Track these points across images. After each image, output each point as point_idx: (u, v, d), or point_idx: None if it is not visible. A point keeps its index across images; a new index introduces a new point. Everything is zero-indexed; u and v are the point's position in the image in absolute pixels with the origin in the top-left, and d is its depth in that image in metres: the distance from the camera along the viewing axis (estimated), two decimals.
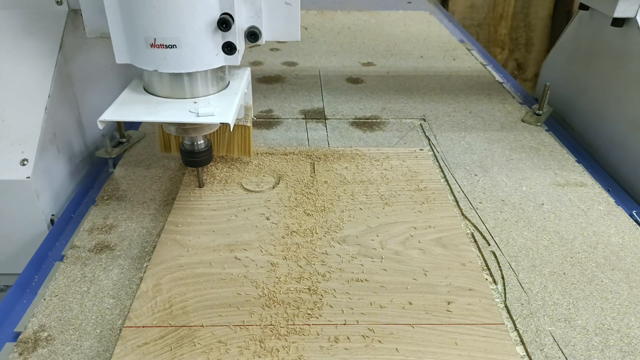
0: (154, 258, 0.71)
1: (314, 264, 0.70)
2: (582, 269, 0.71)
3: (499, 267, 0.72)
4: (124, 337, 0.59)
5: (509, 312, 0.65)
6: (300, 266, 0.70)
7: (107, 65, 1.11)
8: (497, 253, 0.74)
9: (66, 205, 0.86)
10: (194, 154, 0.78)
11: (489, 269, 0.71)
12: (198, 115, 0.67)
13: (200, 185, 0.85)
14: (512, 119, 1.14)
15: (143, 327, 0.60)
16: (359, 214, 0.80)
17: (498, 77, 1.38)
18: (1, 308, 0.66)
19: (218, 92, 0.73)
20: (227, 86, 0.75)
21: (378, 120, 1.13)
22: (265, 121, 1.12)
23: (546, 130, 1.09)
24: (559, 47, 1.24)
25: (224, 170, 0.90)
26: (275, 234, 0.76)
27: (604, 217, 0.82)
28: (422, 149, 0.99)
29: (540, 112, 1.13)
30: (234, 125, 0.78)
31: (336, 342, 0.59)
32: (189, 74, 0.69)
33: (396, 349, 0.58)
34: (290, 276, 0.68)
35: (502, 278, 0.70)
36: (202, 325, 0.60)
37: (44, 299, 0.66)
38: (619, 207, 0.84)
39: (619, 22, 0.97)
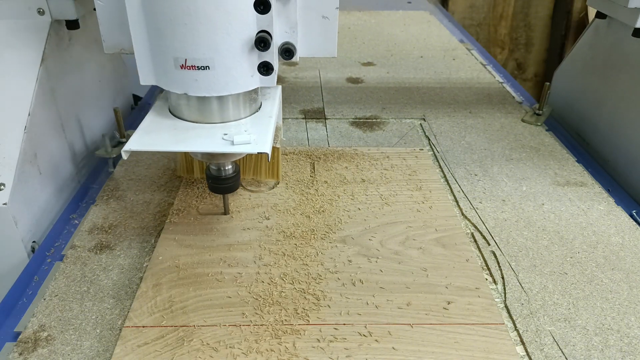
0: (154, 258, 0.71)
1: (313, 264, 0.70)
2: (582, 269, 0.71)
3: (499, 267, 0.72)
4: (124, 337, 0.59)
5: (508, 312, 0.65)
6: (300, 266, 0.70)
7: (94, 78, 1.05)
8: (497, 253, 0.74)
9: (48, 232, 0.81)
10: (221, 180, 0.71)
11: (489, 269, 0.71)
12: (233, 144, 0.61)
13: (226, 212, 0.79)
14: (512, 118, 1.14)
15: (143, 327, 0.60)
16: (359, 214, 0.80)
17: (498, 77, 1.38)
18: (1, 308, 0.66)
19: (250, 115, 0.68)
20: (259, 108, 0.70)
21: (378, 120, 1.13)
22: None
23: (546, 130, 1.09)
24: (573, 57, 1.18)
25: None
26: (275, 234, 0.76)
27: (604, 217, 0.82)
28: (422, 149, 0.99)
29: (540, 112, 1.13)
30: None
31: (336, 342, 0.59)
32: (220, 97, 0.63)
33: (396, 348, 0.58)
34: (290, 276, 0.68)
35: (502, 278, 0.70)
36: (202, 325, 0.60)
37: (44, 299, 0.66)
38: (619, 207, 0.84)
39: None
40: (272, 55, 0.61)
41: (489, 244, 0.76)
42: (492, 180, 0.91)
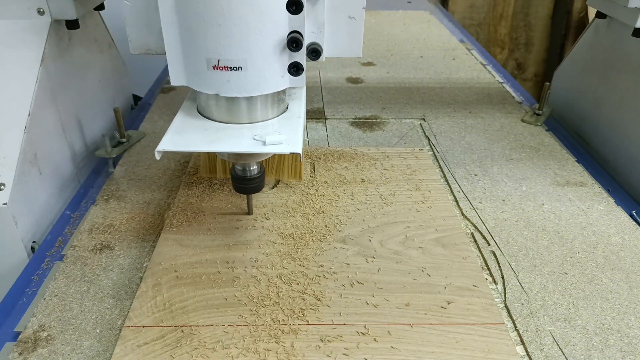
0: (154, 258, 0.71)
1: (313, 264, 0.70)
2: (582, 269, 0.71)
3: (499, 266, 0.72)
4: (124, 336, 0.59)
5: (508, 312, 0.65)
6: (300, 266, 0.70)
7: (94, 78, 1.05)
8: (497, 253, 0.74)
9: (48, 232, 0.81)
10: (246, 180, 0.71)
11: (489, 269, 0.71)
12: (265, 145, 0.61)
13: (250, 212, 0.79)
14: (512, 118, 1.14)
15: (143, 327, 0.60)
16: (359, 214, 0.80)
17: (498, 77, 1.38)
18: (1, 308, 0.66)
19: (278, 115, 0.68)
20: (286, 108, 0.70)
21: (378, 120, 1.13)
22: None
23: (546, 130, 1.09)
24: (573, 57, 1.18)
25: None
26: (274, 234, 0.76)
27: (603, 217, 0.82)
28: (422, 149, 0.99)
29: (540, 112, 1.13)
30: None
31: (335, 342, 0.59)
32: (250, 98, 0.63)
33: (395, 348, 0.58)
34: (289, 276, 0.68)
35: (502, 278, 0.70)
36: (202, 325, 0.60)
37: (44, 299, 0.66)
38: (619, 207, 0.84)
39: None
40: (302, 56, 0.61)
41: (489, 244, 0.76)
42: (492, 180, 0.91)
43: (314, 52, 0.63)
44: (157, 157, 0.60)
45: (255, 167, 0.71)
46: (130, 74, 1.26)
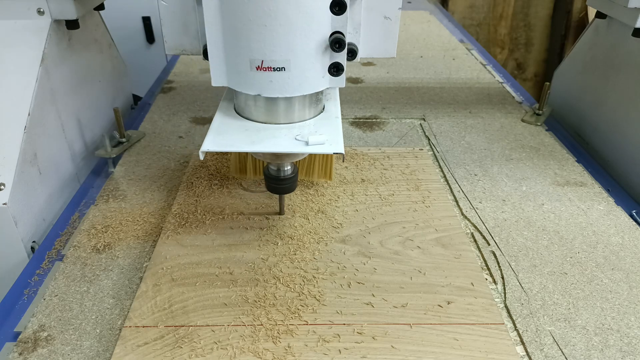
0: (154, 258, 0.71)
1: (313, 264, 0.70)
2: (582, 269, 0.71)
3: (499, 267, 0.72)
4: (124, 337, 0.59)
5: (508, 312, 0.65)
6: (300, 266, 0.70)
7: (94, 78, 1.05)
8: (497, 253, 0.74)
9: (48, 231, 0.81)
10: (280, 181, 0.71)
11: (488, 269, 0.71)
12: (307, 145, 0.61)
13: (281, 212, 0.80)
14: (511, 118, 1.14)
15: (143, 327, 0.60)
16: (358, 214, 0.80)
17: (498, 77, 1.38)
18: (1, 308, 0.66)
19: (315, 116, 0.68)
20: (323, 109, 0.69)
21: (378, 120, 1.13)
22: None
23: (546, 130, 1.09)
24: (573, 57, 1.18)
25: (223, 170, 0.90)
26: (274, 235, 0.75)
27: (603, 216, 0.82)
28: (422, 149, 0.99)
29: (540, 112, 1.13)
30: None
31: (334, 342, 0.59)
32: (291, 98, 0.63)
33: (395, 348, 0.58)
34: (289, 276, 0.68)
35: (502, 278, 0.70)
36: (202, 325, 0.60)
37: (44, 299, 0.66)
38: (619, 206, 0.84)
39: None
40: (343, 56, 0.61)
41: (489, 244, 0.76)
42: (492, 180, 0.91)
43: (350, 53, 0.63)
44: (201, 157, 0.60)
45: (289, 167, 0.71)
46: (130, 74, 1.27)
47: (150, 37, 2.08)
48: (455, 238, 0.75)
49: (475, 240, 0.77)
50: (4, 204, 0.73)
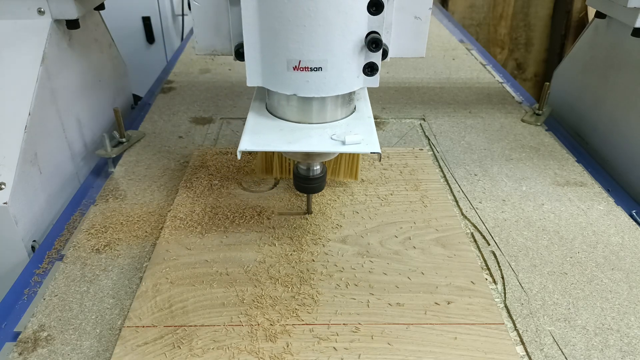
0: (154, 258, 0.71)
1: (313, 264, 0.70)
2: (581, 269, 0.71)
3: (499, 266, 0.72)
4: (124, 336, 0.59)
5: (508, 311, 0.65)
6: (300, 266, 0.70)
7: (95, 78, 1.05)
8: (497, 253, 0.74)
9: (48, 231, 0.81)
10: (309, 180, 0.72)
11: (488, 269, 0.71)
12: (344, 144, 0.62)
13: (309, 211, 0.80)
14: (511, 118, 1.14)
15: (143, 327, 0.60)
16: (358, 214, 0.80)
17: (498, 77, 1.38)
18: (1, 308, 0.66)
19: (348, 115, 0.68)
20: (354, 109, 0.70)
21: (378, 120, 1.13)
22: None
23: (546, 130, 1.09)
24: (572, 57, 1.18)
25: (223, 170, 0.90)
26: (274, 235, 0.75)
27: (603, 216, 0.82)
28: (421, 149, 0.99)
29: (540, 112, 1.13)
30: None
31: (334, 342, 0.59)
32: (326, 98, 0.64)
33: (395, 348, 0.58)
34: (289, 276, 0.68)
35: (502, 278, 0.70)
36: (202, 325, 0.60)
37: (44, 299, 0.66)
38: (619, 206, 0.84)
39: None
40: (378, 56, 0.62)
41: (489, 244, 0.76)
42: (492, 180, 0.91)
43: (383, 53, 0.63)
44: (239, 156, 0.61)
45: (318, 167, 0.72)
46: (130, 73, 1.27)
47: (150, 37, 2.08)
48: (455, 238, 0.75)
49: (475, 240, 0.77)
50: (4, 203, 0.73)
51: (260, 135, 0.64)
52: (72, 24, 0.90)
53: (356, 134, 0.63)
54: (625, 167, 0.95)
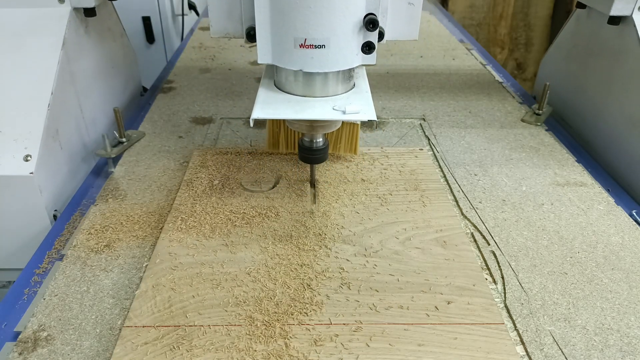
0: (154, 258, 0.71)
1: (313, 264, 0.70)
2: (581, 269, 0.71)
3: (499, 266, 0.72)
4: (124, 336, 0.59)
5: (508, 311, 0.65)
6: (299, 266, 0.70)
7: (108, 64, 1.12)
8: (497, 253, 0.74)
9: (68, 202, 0.87)
10: (313, 151, 0.78)
11: (488, 269, 0.71)
12: (344, 113, 0.68)
13: (312, 184, 0.87)
14: (511, 118, 1.14)
15: (143, 326, 0.60)
16: (358, 214, 0.80)
17: (498, 77, 1.38)
18: (1, 307, 0.66)
19: (348, 90, 0.74)
20: (354, 85, 0.76)
21: (378, 120, 1.13)
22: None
23: (546, 130, 1.09)
24: (557, 46, 1.24)
25: (223, 170, 0.90)
26: (274, 234, 0.75)
27: (603, 216, 0.82)
28: (421, 149, 0.99)
29: (540, 111, 1.13)
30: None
31: (334, 342, 0.59)
32: (328, 74, 0.70)
33: (395, 348, 0.58)
34: (290, 276, 0.68)
35: (502, 278, 0.70)
36: (202, 325, 0.60)
37: (44, 299, 0.66)
38: (619, 206, 0.84)
39: (615, 21, 0.97)
40: (374, 36, 0.68)
41: (489, 244, 0.76)
42: (492, 180, 0.91)
43: (379, 35, 0.69)
44: (252, 124, 0.68)
45: (321, 139, 0.78)
46: (138, 62, 1.34)
47: (150, 37, 2.08)
48: (455, 238, 0.75)
49: (475, 240, 0.77)
50: (30, 173, 0.80)
51: (270, 105, 0.70)
52: (89, 12, 0.97)
53: (355, 105, 0.69)
54: (625, 167, 0.96)
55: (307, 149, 0.78)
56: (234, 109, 1.17)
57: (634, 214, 0.84)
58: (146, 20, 2.04)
